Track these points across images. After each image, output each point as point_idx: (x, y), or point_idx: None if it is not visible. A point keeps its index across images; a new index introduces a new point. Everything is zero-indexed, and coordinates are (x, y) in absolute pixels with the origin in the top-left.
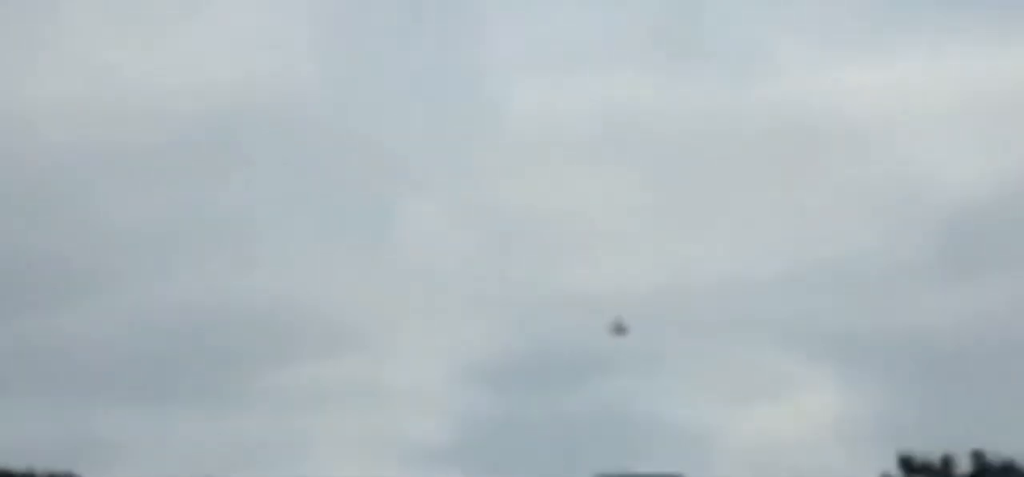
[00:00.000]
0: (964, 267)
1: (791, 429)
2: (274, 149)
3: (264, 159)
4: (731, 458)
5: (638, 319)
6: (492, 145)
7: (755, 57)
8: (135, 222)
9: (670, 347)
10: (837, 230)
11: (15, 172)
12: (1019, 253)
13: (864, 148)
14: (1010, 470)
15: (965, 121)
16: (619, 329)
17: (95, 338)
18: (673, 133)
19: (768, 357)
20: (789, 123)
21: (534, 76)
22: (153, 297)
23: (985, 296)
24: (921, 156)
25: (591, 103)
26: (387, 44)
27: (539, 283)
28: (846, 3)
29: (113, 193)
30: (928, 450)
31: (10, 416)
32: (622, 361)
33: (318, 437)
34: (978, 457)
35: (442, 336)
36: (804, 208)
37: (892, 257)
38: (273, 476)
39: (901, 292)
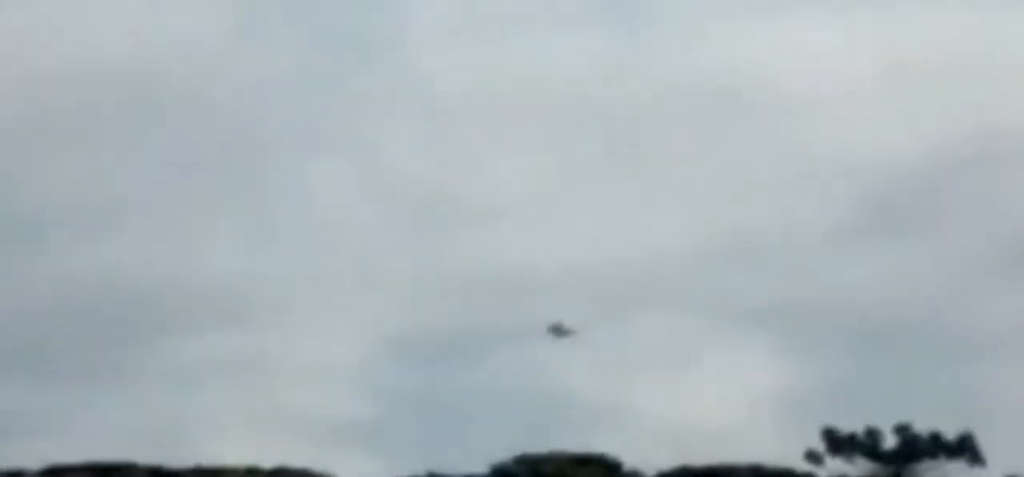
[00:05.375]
0: (888, 237)
1: (714, 404)
2: (173, 114)
3: (163, 124)
4: (652, 433)
5: (557, 293)
6: (408, 112)
7: (677, 26)
8: (21, 192)
9: (591, 321)
10: (759, 199)
11: None
12: (943, 222)
13: (788, 116)
14: (936, 442)
15: (889, 88)
16: (559, 331)
17: None
18: (594, 104)
19: (689, 330)
20: (711, 92)
21: (454, 42)
22: (41, 270)
23: (909, 266)
24: (845, 124)
25: (512, 72)
26: (301, 10)
27: (453, 255)
28: None
29: (7, 161)
30: (853, 423)
31: None
32: (540, 336)
33: (222, 414)
34: (904, 430)
35: (353, 309)
36: (727, 177)
37: (815, 227)
38: (174, 457)
39: (824, 262)
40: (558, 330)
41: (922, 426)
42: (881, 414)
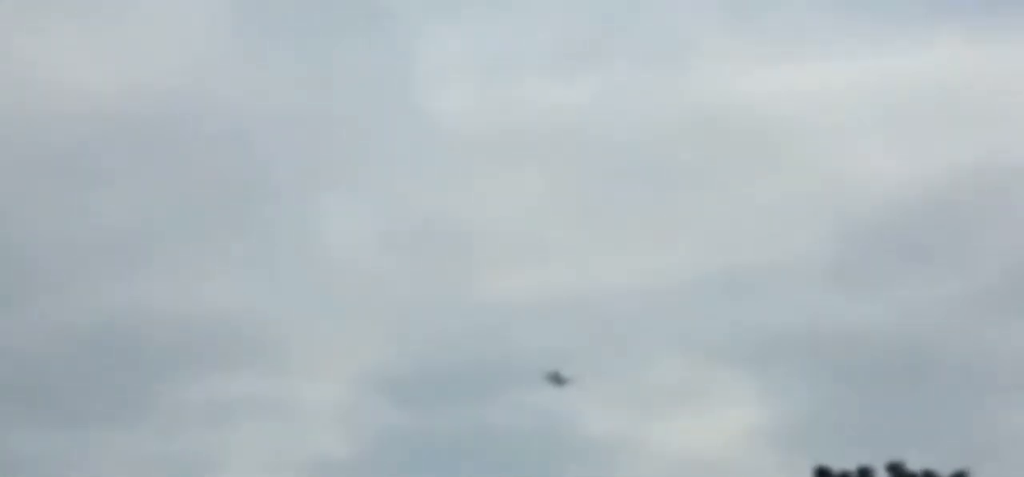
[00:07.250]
0: (883, 273)
1: (707, 440)
2: (185, 154)
3: (175, 164)
4: (647, 469)
5: (555, 328)
6: (409, 152)
7: (674, 63)
8: (37, 232)
9: (587, 357)
10: (755, 236)
11: None
12: (938, 260)
13: (783, 152)
14: None
15: (884, 125)
16: (557, 379)
17: None
18: (593, 140)
19: (684, 367)
20: (707, 128)
21: (460, 81)
22: (56, 310)
23: (904, 304)
24: (840, 160)
25: (512, 110)
26: (307, 47)
27: (454, 292)
28: (763, 6)
29: (10, 201)
30: (845, 461)
31: None
32: (537, 372)
33: (228, 453)
34: (897, 468)
35: (354, 347)
36: (721, 213)
37: (810, 263)
38: None
39: (818, 298)
40: (556, 378)
41: (916, 463)
42: (874, 452)
